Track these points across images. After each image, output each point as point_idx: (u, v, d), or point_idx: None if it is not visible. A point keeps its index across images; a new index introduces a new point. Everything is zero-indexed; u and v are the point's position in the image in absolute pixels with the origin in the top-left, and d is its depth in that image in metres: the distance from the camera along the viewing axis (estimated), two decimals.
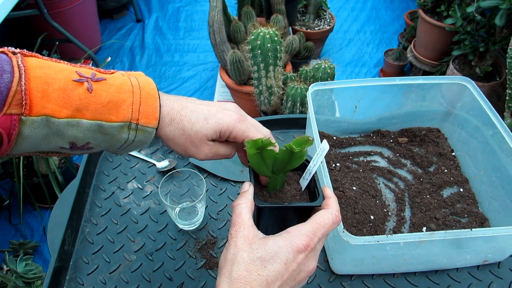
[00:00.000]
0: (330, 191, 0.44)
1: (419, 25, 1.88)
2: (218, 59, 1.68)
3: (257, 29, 1.20)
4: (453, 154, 0.82)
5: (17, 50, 0.37)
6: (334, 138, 0.85)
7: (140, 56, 2.36)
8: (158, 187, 0.67)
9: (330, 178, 0.68)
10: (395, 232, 0.69)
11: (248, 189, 0.44)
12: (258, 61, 1.26)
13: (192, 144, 0.45)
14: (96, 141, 0.40)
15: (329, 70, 1.25)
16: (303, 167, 0.46)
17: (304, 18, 2.22)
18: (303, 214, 0.45)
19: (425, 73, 1.97)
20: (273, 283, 0.37)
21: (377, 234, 0.67)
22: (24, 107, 0.34)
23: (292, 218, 0.46)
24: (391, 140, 0.85)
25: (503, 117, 1.28)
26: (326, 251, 0.67)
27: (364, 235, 0.60)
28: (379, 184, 0.77)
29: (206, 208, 0.75)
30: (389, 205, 0.73)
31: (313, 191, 0.46)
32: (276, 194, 0.47)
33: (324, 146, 0.43)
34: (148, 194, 0.77)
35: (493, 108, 0.69)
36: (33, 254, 1.41)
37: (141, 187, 0.79)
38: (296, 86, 1.27)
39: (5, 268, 1.17)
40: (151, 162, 0.83)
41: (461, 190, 0.76)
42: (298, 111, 1.31)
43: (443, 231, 0.54)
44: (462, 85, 0.75)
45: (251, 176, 0.46)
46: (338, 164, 0.80)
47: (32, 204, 1.50)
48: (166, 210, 0.74)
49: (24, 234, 1.53)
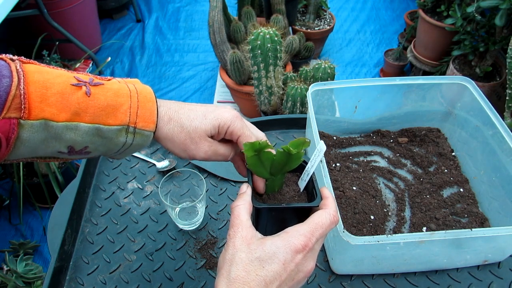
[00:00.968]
0: (328, 192, 0.45)
1: (419, 25, 1.88)
2: (218, 59, 1.68)
3: (257, 29, 1.20)
4: (453, 154, 0.82)
5: (15, 57, 0.38)
6: (334, 138, 0.85)
7: (140, 56, 2.36)
8: (158, 187, 0.67)
9: (330, 178, 0.68)
10: (395, 232, 0.69)
11: (246, 191, 0.44)
12: (258, 61, 1.26)
13: (192, 141, 0.45)
14: (94, 145, 0.40)
15: (329, 70, 1.25)
16: (302, 168, 0.47)
17: (304, 18, 2.22)
18: (302, 215, 0.45)
19: (425, 73, 1.97)
20: (272, 283, 0.37)
21: (377, 234, 0.67)
22: (23, 111, 0.34)
23: (291, 219, 0.46)
24: (391, 140, 0.85)
25: (503, 117, 1.28)
26: (326, 251, 0.67)
27: (364, 235, 0.60)
28: (379, 184, 0.77)
29: (206, 208, 0.75)
30: (389, 205, 0.73)
31: (312, 192, 0.46)
32: (275, 196, 0.47)
33: (321, 147, 0.43)
34: (148, 194, 0.77)
35: (493, 108, 0.69)
36: (33, 254, 1.41)
37: (141, 187, 0.79)
38: (296, 86, 1.27)
39: (5, 268, 1.17)
40: (151, 162, 0.83)
41: (461, 190, 0.76)
42: (298, 111, 1.31)
43: (443, 231, 0.54)
44: (462, 85, 0.75)
45: (249, 178, 0.47)
46: (338, 164, 0.80)
47: (32, 204, 1.50)
48: (166, 210, 0.74)
49: (24, 234, 1.53)
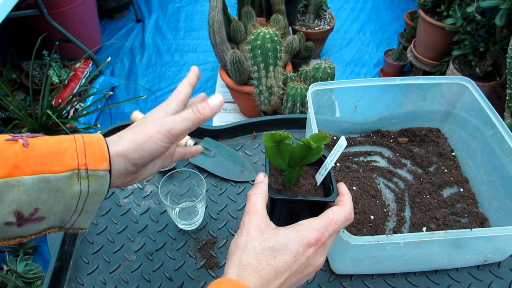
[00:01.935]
0: (345, 188, 0.45)
1: (419, 25, 1.88)
2: (218, 59, 1.68)
3: (257, 29, 1.20)
4: (453, 154, 0.82)
5: None
6: (334, 138, 0.85)
7: (140, 56, 2.36)
8: (158, 187, 0.67)
9: None
10: (395, 232, 0.69)
11: (263, 180, 0.44)
12: (258, 61, 1.26)
13: (158, 125, 0.40)
14: (46, 205, 0.35)
15: (329, 70, 1.25)
16: (320, 162, 0.47)
17: (304, 18, 2.22)
18: (316, 209, 0.45)
19: (425, 73, 1.97)
20: (282, 274, 0.37)
21: (377, 234, 0.67)
22: None
23: (305, 212, 0.46)
24: (391, 140, 0.85)
25: (503, 117, 1.28)
26: None
27: (364, 235, 0.60)
28: (379, 184, 0.77)
29: (206, 208, 0.75)
30: (389, 205, 0.73)
31: (328, 187, 0.46)
32: (291, 188, 0.47)
33: (342, 142, 0.43)
34: (148, 194, 0.77)
35: (493, 108, 0.69)
36: (33, 254, 1.41)
37: (141, 187, 0.79)
38: (296, 86, 1.27)
39: (5, 268, 1.17)
40: None
41: (461, 190, 0.76)
42: (298, 111, 1.31)
43: (443, 231, 0.54)
44: (462, 85, 0.75)
45: (267, 168, 0.47)
46: (338, 164, 0.80)
47: None
48: (166, 210, 0.74)
49: None
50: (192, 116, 0.41)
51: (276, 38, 1.20)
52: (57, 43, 1.86)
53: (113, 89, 2.12)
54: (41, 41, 1.56)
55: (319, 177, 0.47)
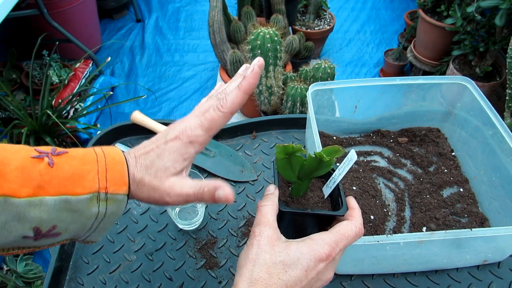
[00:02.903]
0: (355, 203, 0.44)
1: (419, 25, 1.88)
2: (218, 59, 1.68)
3: (257, 29, 1.20)
4: (453, 154, 0.82)
5: None
6: (334, 138, 0.85)
7: (140, 56, 2.36)
8: None
9: None
10: (395, 232, 0.69)
11: (274, 192, 0.44)
12: None
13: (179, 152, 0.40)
14: (64, 223, 0.36)
15: (329, 70, 1.25)
16: (328, 175, 0.47)
17: (304, 18, 2.22)
18: (324, 222, 0.45)
19: (425, 73, 1.97)
20: None
21: (377, 234, 0.67)
22: None
23: (313, 225, 0.46)
24: (391, 140, 0.85)
25: (503, 117, 1.28)
26: None
27: (364, 235, 0.60)
28: (379, 184, 0.77)
29: (206, 208, 0.75)
30: (389, 205, 0.73)
31: (336, 200, 0.46)
32: (299, 200, 0.47)
33: (352, 156, 0.42)
34: None
35: (493, 108, 0.69)
36: (33, 254, 1.41)
37: None
38: (296, 86, 1.27)
39: (5, 268, 1.17)
40: None
41: (461, 190, 0.76)
42: (298, 111, 1.31)
43: (443, 231, 0.54)
44: (462, 85, 0.75)
45: (276, 180, 0.47)
46: (338, 164, 0.79)
47: None
48: (166, 210, 0.74)
49: None
50: (203, 195, 0.41)
51: (276, 38, 1.20)
52: (57, 43, 1.86)
53: (113, 89, 2.12)
54: (41, 41, 1.56)
55: (327, 190, 0.47)
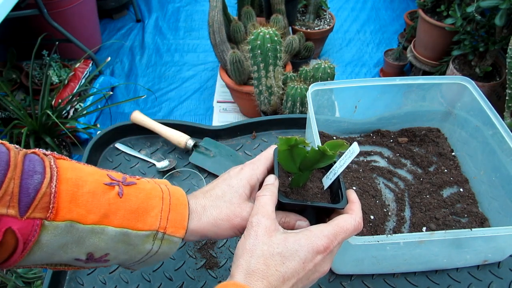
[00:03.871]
0: (356, 196, 0.44)
1: (419, 25, 1.88)
2: (218, 59, 1.68)
3: (257, 29, 1.20)
4: (453, 154, 0.82)
5: (48, 152, 0.35)
6: (334, 138, 0.85)
7: (140, 56, 2.36)
8: None
9: None
10: (395, 232, 0.69)
11: (274, 182, 0.44)
12: (258, 61, 1.26)
13: (235, 213, 0.42)
14: (116, 253, 0.37)
15: (329, 70, 1.25)
16: (328, 166, 0.46)
17: (304, 18, 2.22)
18: (323, 214, 0.45)
19: (425, 73, 1.97)
20: (289, 280, 0.37)
21: (377, 234, 0.67)
22: (50, 211, 0.32)
23: (312, 216, 0.46)
24: (391, 140, 0.85)
25: (503, 117, 1.28)
26: None
27: (364, 235, 0.60)
28: (379, 184, 0.77)
29: None
30: (389, 205, 0.73)
31: (336, 192, 0.46)
32: (298, 190, 0.47)
33: (354, 149, 0.42)
34: None
35: (493, 108, 0.69)
36: None
37: None
38: (296, 86, 1.27)
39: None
40: (151, 162, 0.83)
41: (461, 190, 0.76)
42: (298, 111, 1.31)
43: (443, 231, 0.53)
44: (462, 85, 0.75)
45: (276, 170, 0.46)
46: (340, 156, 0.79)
47: None
48: None
49: None
50: None
51: (276, 38, 1.20)
52: (57, 43, 1.86)
53: (113, 89, 2.12)
54: (41, 41, 1.56)
55: (327, 181, 0.47)
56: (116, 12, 2.59)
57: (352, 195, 0.44)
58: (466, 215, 0.71)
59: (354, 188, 0.74)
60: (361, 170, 0.79)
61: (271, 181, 0.44)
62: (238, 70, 1.58)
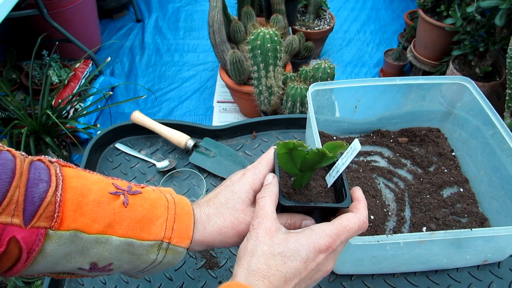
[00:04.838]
0: (361, 194, 0.44)
1: (419, 25, 1.88)
2: (218, 59, 1.68)
3: (257, 29, 1.20)
4: (453, 154, 0.82)
5: (54, 159, 0.35)
6: (334, 138, 0.85)
7: (140, 56, 2.36)
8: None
9: None
10: (395, 232, 0.69)
11: (272, 181, 0.43)
12: (258, 61, 1.26)
13: (239, 221, 0.42)
14: (120, 262, 0.37)
15: (329, 70, 1.25)
16: (331, 164, 0.46)
17: (304, 18, 2.22)
18: (328, 213, 0.44)
19: (425, 73, 1.97)
20: (291, 280, 0.37)
21: (377, 234, 0.67)
22: (55, 220, 0.32)
23: (316, 216, 0.45)
24: (391, 140, 0.85)
25: (503, 117, 1.28)
26: None
27: (364, 235, 0.60)
28: (379, 184, 0.77)
29: None
30: (389, 205, 0.73)
31: (340, 190, 0.45)
32: (301, 191, 0.46)
33: (356, 146, 0.41)
34: None
35: (493, 108, 0.69)
36: None
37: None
38: (296, 86, 1.27)
39: None
40: (151, 162, 0.83)
41: (461, 190, 0.76)
42: (298, 111, 1.31)
43: (443, 231, 0.53)
44: (462, 85, 0.75)
45: (277, 171, 0.46)
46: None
47: None
48: None
49: None
50: None
51: (276, 38, 1.20)
52: (57, 43, 1.86)
53: (113, 89, 2.12)
54: (41, 41, 1.56)
55: (330, 179, 0.46)
56: (116, 12, 2.59)
57: (358, 193, 0.44)
58: (466, 215, 0.71)
59: None
60: (361, 170, 0.79)
61: (270, 181, 0.44)
62: (238, 70, 1.58)
